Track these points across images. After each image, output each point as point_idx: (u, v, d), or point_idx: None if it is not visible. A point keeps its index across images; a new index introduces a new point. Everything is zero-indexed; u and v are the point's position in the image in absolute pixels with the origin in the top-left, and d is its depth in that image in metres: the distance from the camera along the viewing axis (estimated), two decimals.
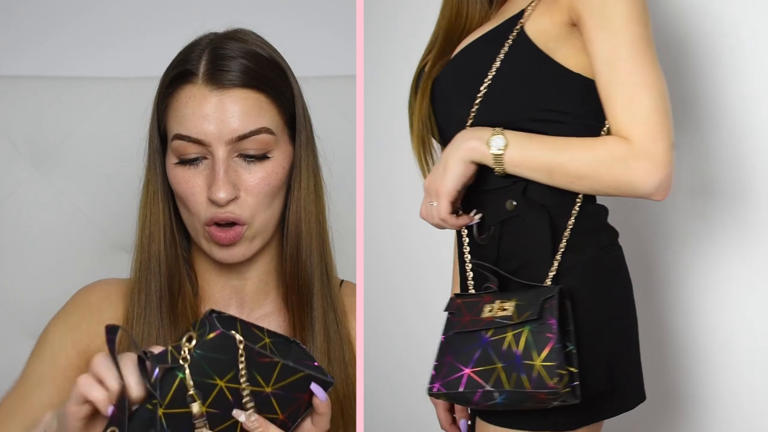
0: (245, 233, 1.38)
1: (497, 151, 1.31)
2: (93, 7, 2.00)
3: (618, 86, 1.28)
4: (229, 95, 1.35)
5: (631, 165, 1.26)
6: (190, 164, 1.37)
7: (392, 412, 2.10)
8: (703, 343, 1.73)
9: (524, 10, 1.38)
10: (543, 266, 1.34)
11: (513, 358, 1.27)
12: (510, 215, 1.36)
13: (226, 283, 1.45)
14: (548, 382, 1.25)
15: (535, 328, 1.27)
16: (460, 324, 1.33)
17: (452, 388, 1.31)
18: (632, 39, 1.29)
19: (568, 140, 1.31)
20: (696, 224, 1.71)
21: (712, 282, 1.71)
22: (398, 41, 2.03)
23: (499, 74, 1.36)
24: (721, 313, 1.70)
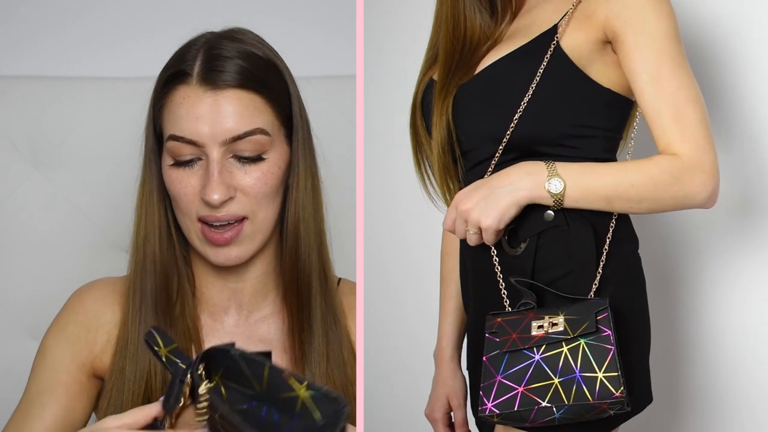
0: (246, 229, 1.37)
1: (557, 194, 1.33)
2: (93, 7, 2.00)
3: (664, 102, 1.33)
4: (224, 96, 1.35)
5: (685, 180, 1.32)
6: (185, 165, 1.37)
7: (392, 412, 2.10)
8: (713, 346, 1.73)
9: (557, 26, 1.39)
10: (588, 276, 1.36)
11: (572, 372, 1.29)
12: (548, 226, 1.37)
13: (225, 285, 1.44)
14: (614, 392, 1.27)
15: (591, 341, 1.29)
16: (509, 343, 1.33)
17: (506, 408, 1.31)
18: (674, 56, 1.34)
19: (621, 166, 1.35)
20: (707, 229, 1.72)
21: (723, 286, 1.72)
22: (398, 41, 2.03)
23: (538, 90, 1.37)
24: (732, 317, 1.71)
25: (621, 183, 1.33)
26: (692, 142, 1.33)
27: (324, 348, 1.41)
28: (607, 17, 1.36)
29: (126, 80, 1.94)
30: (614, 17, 1.35)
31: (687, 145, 1.32)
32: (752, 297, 1.69)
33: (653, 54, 1.34)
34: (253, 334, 1.44)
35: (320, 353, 1.40)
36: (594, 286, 1.35)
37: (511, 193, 1.35)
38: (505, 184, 1.35)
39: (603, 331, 1.30)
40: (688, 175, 1.32)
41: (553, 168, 1.34)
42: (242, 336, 1.44)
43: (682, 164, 1.32)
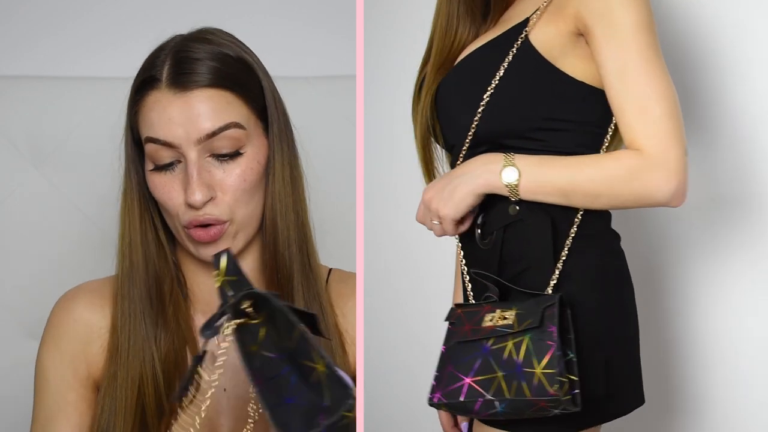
0: (227, 229, 1.37)
1: (511, 184, 1.32)
2: (93, 7, 2.00)
3: (629, 97, 1.29)
4: (194, 96, 1.35)
5: (645, 176, 1.28)
6: (165, 170, 1.37)
7: (392, 412, 2.10)
8: (704, 347, 1.72)
9: (529, 19, 1.37)
10: (545, 272, 1.34)
11: (514, 367, 1.27)
12: (513, 220, 1.36)
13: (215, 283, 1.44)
14: (549, 389, 1.25)
15: (535, 336, 1.27)
16: (461, 333, 1.33)
17: (453, 398, 1.31)
18: (641, 48, 1.30)
19: (580, 160, 1.32)
20: (698, 230, 1.71)
21: (714, 287, 1.71)
22: (398, 41, 2.03)
23: (503, 83, 1.36)
24: (724, 319, 1.70)
25: (577, 176, 1.31)
26: (656, 138, 1.28)
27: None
28: (578, 9, 1.33)
29: (126, 80, 1.93)
30: (584, 9, 1.32)
31: (650, 141, 1.28)
32: (740, 296, 1.69)
33: (619, 47, 1.30)
34: None
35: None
36: (552, 281, 1.33)
37: (467, 183, 1.34)
38: (463, 174, 1.35)
39: (547, 326, 1.27)
40: (648, 172, 1.28)
41: (510, 159, 1.32)
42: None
43: (643, 160, 1.28)
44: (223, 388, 1.41)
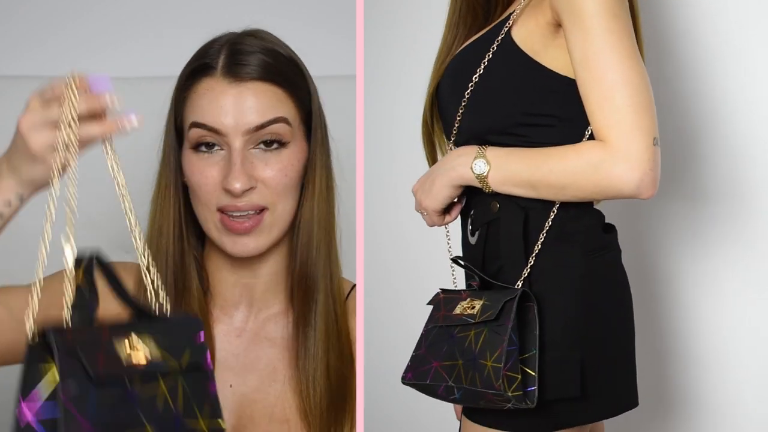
0: (265, 220, 1.38)
1: (481, 176, 1.32)
2: (93, 7, 2.01)
3: (592, 86, 1.26)
4: (247, 87, 1.37)
5: (607, 168, 1.24)
6: (205, 152, 1.38)
7: (392, 412, 2.10)
8: (701, 347, 1.73)
9: (510, 15, 1.37)
10: (517, 268, 1.33)
11: (471, 357, 1.29)
12: (494, 216, 1.36)
13: (238, 280, 1.45)
14: (494, 383, 1.24)
15: (493, 329, 1.28)
16: (435, 318, 1.37)
17: (421, 378, 1.34)
18: (603, 34, 1.25)
19: (546, 152, 1.30)
20: (694, 228, 1.72)
21: (710, 286, 1.72)
22: (398, 41, 2.03)
23: (483, 79, 1.36)
24: (721, 317, 1.71)
25: (540, 168, 1.28)
26: (617, 128, 1.23)
27: (325, 344, 1.41)
28: (551, 0, 1.30)
29: (126, 80, 1.94)
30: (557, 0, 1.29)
31: (612, 131, 1.24)
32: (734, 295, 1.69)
33: (582, 34, 1.25)
34: (261, 331, 1.45)
35: (323, 351, 1.41)
36: (523, 275, 1.32)
37: (442, 175, 1.37)
38: (441, 166, 1.38)
39: (504, 320, 1.27)
40: (609, 163, 1.24)
41: (482, 151, 1.32)
42: (250, 332, 1.45)
43: (605, 152, 1.24)
44: (229, 384, 1.42)
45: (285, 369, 1.43)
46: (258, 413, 1.41)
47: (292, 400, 1.41)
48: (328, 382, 1.40)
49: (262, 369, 1.44)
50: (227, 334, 1.45)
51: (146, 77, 1.94)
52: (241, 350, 1.44)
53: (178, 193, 1.43)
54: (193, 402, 1.07)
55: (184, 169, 1.41)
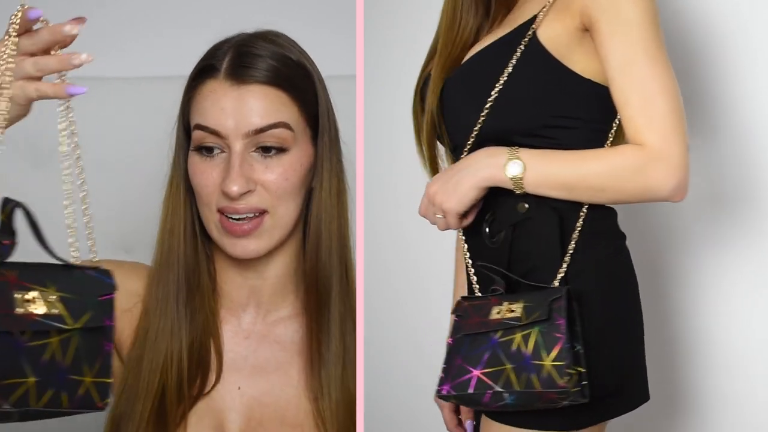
0: (265, 222, 1.38)
1: (516, 177, 1.32)
2: (93, 7, 2.00)
3: (633, 91, 1.30)
4: (249, 90, 1.37)
5: (648, 171, 1.28)
6: (206, 154, 1.38)
7: (392, 412, 2.10)
8: (709, 344, 1.73)
9: (536, 16, 1.38)
10: (552, 268, 1.34)
11: (522, 359, 1.28)
12: (523, 217, 1.36)
13: (244, 282, 1.45)
14: (558, 381, 1.26)
15: (544, 329, 1.28)
16: (469, 326, 1.34)
17: (462, 390, 1.31)
18: (646, 43, 1.30)
19: (584, 154, 1.32)
20: (702, 226, 1.72)
21: (718, 284, 1.72)
22: (398, 41, 2.03)
23: (511, 81, 1.36)
24: (729, 315, 1.71)
25: (582, 170, 1.31)
26: (659, 134, 1.29)
27: (341, 351, 1.41)
28: (584, 4, 1.33)
29: (126, 80, 1.94)
30: (590, 4, 1.32)
31: (653, 136, 1.29)
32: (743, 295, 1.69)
33: (624, 41, 1.30)
34: (270, 334, 1.45)
35: (336, 355, 1.41)
36: (558, 277, 1.34)
37: (471, 175, 1.35)
38: (467, 167, 1.36)
39: (556, 319, 1.28)
40: (652, 167, 1.29)
41: (515, 152, 1.33)
42: (258, 334, 1.45)
43: (647, 155, 1.29)
44: (238, 386, 1.42)
45: (298, 374, 1.43)
46: (268, 417, 1.41)
47: (306, 405, 1.41)
48: (343, 388, 1.40)
49: (272, 372, 1.43)
50: (235, 336, 1.45)
51: (146, 77, 1.94)
52: (250, 352, 1.44)
53: (188, 193, 1.43)
54: (83, 359, 1.09)
55: (188, 169, 1.41)
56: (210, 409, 1.40)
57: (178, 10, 1.99)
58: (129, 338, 1.41)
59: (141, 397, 1.37)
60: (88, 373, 1.12)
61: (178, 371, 1.39)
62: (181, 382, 1.38)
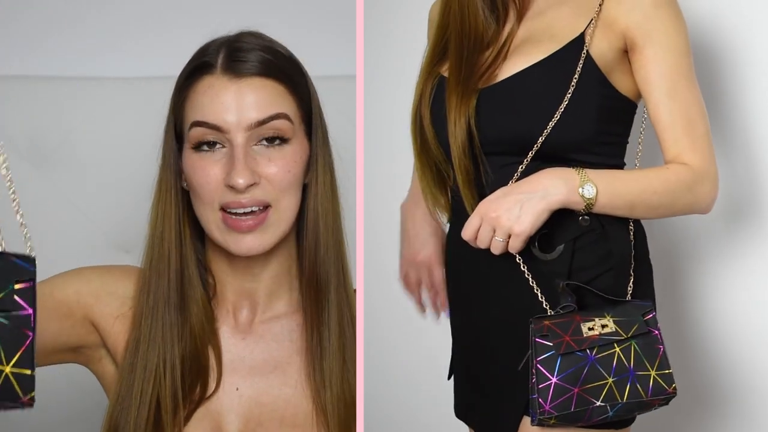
0: (270, 217, 1.38)
1: (590, 199, 1.37)
2: (93, 7, 2.00)
3: (679, 115, 1.40)
4: (247, 83, 1.37)
5: (697, 189, 1.40)
6: (207, 150, 1.38)
7: (392, 412, 2.10)
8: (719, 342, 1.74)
9: (584, 33, 1.42)
10: (625, 275, 1.42)
11: (626, 371, 1.34)
12: (585, 230, 1.41)
13: (240, 285, 1.44)
14: (667, 388, 1.35)
15: (641, 341, 1.36)
16: (564, 345, 1.35)
17: (563, 409, 1.34)
18: (688, 71, 1.41)
19: (644, 174, 1.41)
20: (709, 228, 1.73)
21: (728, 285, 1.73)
22: (398, 41, 2.03)
23: (574, 98, 1.40)
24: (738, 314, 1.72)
25: (646, 190, 1.39)
26: (701, 154, 1.39)
27: (341, 345, 1.41)
28: (627, 26, 1.40)
29: (126, 80, 1.94)
30: (635, 27, 1.40)
31: (697, 156, 1.39)
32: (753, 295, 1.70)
33: (671, 68, 1.40)
34: (267, 333, 1.45)
35: (337, 350, 1.40)
36: (630, 287, 1.41)
37: (544, 198, 1.37)
38: (538, 190, 1.38)
39: (652, 331, 1.37)
40: (699, 185, 1.39)
41: (584, 174, 1.38)
42: (255, 334, 1.44)
43: (694, 174, 1.39)
44: (236, 387, 1.42)
45: (297, 372, 1.42)
46: (267, 417, 1.41)
47: (305, 405, 1.41)
48: (344, 381, 1.40)
49: (270, 372, 1.43)
50: (232, 336, 1.44)
51: (146, 77, 1.94)
52: (247, 353, 1.44)
53: (179, 196, 1.42)
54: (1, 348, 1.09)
55: (184, 171, 1.40)
56: (208, 411, 1.39)
57: (177, 11, 1.99)
58: (123, 342, 1.41)
59: (135, 405, 1.36)
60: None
61: (172, 379, 1.38)
62: (176, 390, 1.38)
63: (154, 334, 1.39)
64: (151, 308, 1.40)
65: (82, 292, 1.41)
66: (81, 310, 1.41)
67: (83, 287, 1.42)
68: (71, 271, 1.45)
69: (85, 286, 1.42)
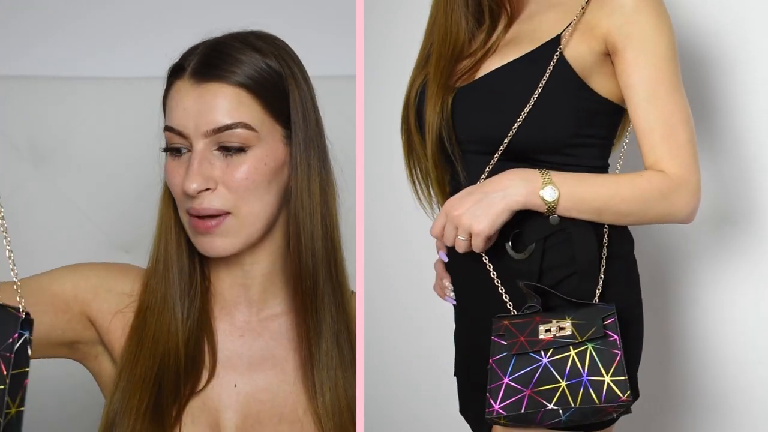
0: (227, 223, 1.37)
1: (551, 203, 1.35)
2: (93, 7, 2.00)
3: (658, 120, 1.37)
4: (208, 89, 1.36)
5: (672, 197, 1.36)
6: (175, 153, 1.39)
7: (392, 412, 2.10)
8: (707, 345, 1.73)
9: (560, 36, 1.40)
10: (591, 277, 1.38)
11: (579, 376, 1.31)
12: (555, 230, 1.39)
13: (233, 280, 1.45)
14: (621, 395, 1.29)
15: (598, 345, 1.32)
16: (517, 345, 1.34)
17: (513, 410, 1.32)
18: (671, 77, 1.38)
19: (613, 180, 1.38)
20: (697, 230, 1.72)
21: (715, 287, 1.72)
22: (398, 41, 2.03)
23: (541, 100, 1.39)
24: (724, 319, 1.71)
25: (614, 197, 1.36)
26: (680, 162, 1.36)
27: (334, 352, 1.41)
28: (609, 30, 1.38)
29: (126, 80, 1.94)
30: (616, 31, 1.38)
31: (675, 164, 1.36)
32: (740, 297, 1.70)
33: (651, 72, 1.37)
34: (264, 331, 1.45)
35: (329, 357, 1.40)
36: (598, 289, 1.38)
37: (504, 199, 1.36)
38: (498, 190, 1.37)
39: (610, 336, 1.32)
40: (675, 193, 1.36)
41: (547, 176, 1.36)
42: (253, 332, 1.45)
43: (671, 182, 1.36)
44: (234, 384, 1.42)
45: (294, 370, 1.43)
46: (265, 413, 1.41)
47: (304, 401, 1.41)
48: (337, 388, 1.40)
49: (268, 369, 1.43)
50: (230, 334, 1.45)
51: (146, 77, 1.94)
52: (245, 350, 1.44)
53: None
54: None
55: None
56: (206, 407, 1.40)
57: (177, 10, 1.99)
58: (121, 338, 1.41)
59: (137, 392, 1.37)
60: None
61: (176, 367, 1.39)
62: (178, 378, 1.39)
63: (160, 324, 1.40)
64: (159, 299, 1.41)
65: (80, 287, 1.41)
66: (78, 306, 1.41)
67: (81, 283, 1.42)
68: (70, 266, 1.45)
69: (83, 281, 1.42)
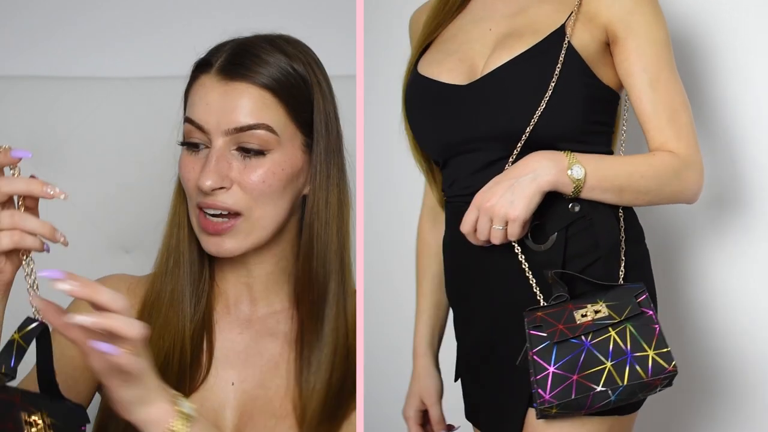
0: (239, 225, 1.38)
1: (578, 180, 1.37)
2: (93, 7, 2.00)
3: (662, 105, 1.42)
4: (234, 88, 1.37)
5: (684, 176, 1.41)
6: (192, 148, 1.39)
7: (392, 412, 2.10)
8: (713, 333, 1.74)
9: (564, 25, 1.43)
10: (614, 261, 1.41)
11: (623, 354, 1.33)
12: (576, 218, 1.41)
13: (237, 278, 1.46)
14: (667, 366, 1.32)
15: (636, 323, 1.34)
16: (558, 333, 1.35)
17: (564, 397, 1.33)
18: (670, 62, 1.44)
19: (632, 159, 1.42)
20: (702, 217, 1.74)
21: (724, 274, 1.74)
22: (398, 41, 2.03)
23: (558, 87, 1.41)
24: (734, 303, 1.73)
25: (633, 174, 1.39)
26: (686, 143, 1.42)
27: (331, 356, 1.41)
28: (609, 20, 1.43)
29: (126, 80, 1.94)
30: (617, 21, 1.42)
31: (682, 145, 1.41)
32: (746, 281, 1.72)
33: (653, 59, 1.42)
34: (263, 328, 1.45)
35: (327, 359, 1.40)
36: (621, 271, 1.41)
37: (534, 180, 1.37)
38: (527, 173, 1.38)
39: (646, 312, 1.35)
40: (686, 172, 1.41)
41: (572, 156, 1.38)
42: (252, 329, 1.45)
43: (681, 161, 1.41)
44: (231, 382, 1.42)
45: (287, 363, 1.43)
46: (258, 409, 1.41)
47: (296, 398, 1.41)
48: (331, 380, 1.40)
49: (263, 365, 1.43)
50: (230, 331, 1.45)
51: (146, 77, 1.94)
52: (243, 347, 1.44)
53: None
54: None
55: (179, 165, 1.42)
56: (204, 407, 1.40)
57: (179, 11, 1.99)
58: None
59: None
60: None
61: (179, 364, 1.40)
62: (184, 371, 1.39)
63: (168, 319, 1.41)
64: (168, 294, 1.42)
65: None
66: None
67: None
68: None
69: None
